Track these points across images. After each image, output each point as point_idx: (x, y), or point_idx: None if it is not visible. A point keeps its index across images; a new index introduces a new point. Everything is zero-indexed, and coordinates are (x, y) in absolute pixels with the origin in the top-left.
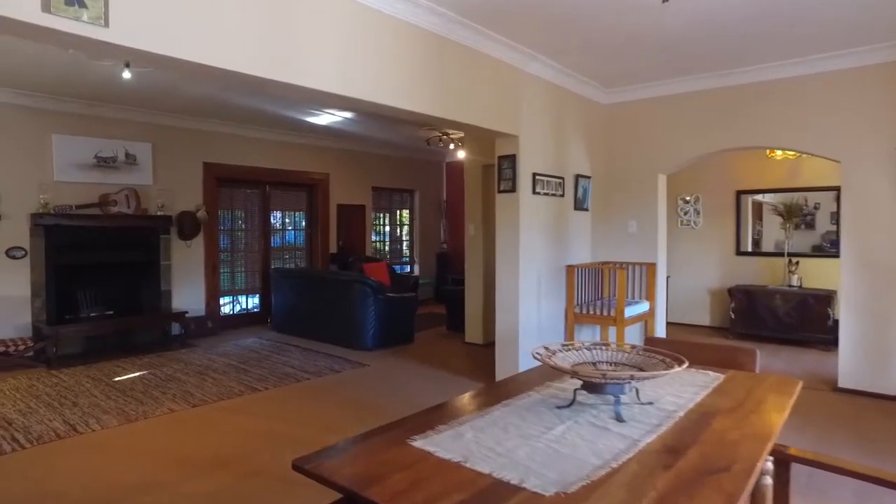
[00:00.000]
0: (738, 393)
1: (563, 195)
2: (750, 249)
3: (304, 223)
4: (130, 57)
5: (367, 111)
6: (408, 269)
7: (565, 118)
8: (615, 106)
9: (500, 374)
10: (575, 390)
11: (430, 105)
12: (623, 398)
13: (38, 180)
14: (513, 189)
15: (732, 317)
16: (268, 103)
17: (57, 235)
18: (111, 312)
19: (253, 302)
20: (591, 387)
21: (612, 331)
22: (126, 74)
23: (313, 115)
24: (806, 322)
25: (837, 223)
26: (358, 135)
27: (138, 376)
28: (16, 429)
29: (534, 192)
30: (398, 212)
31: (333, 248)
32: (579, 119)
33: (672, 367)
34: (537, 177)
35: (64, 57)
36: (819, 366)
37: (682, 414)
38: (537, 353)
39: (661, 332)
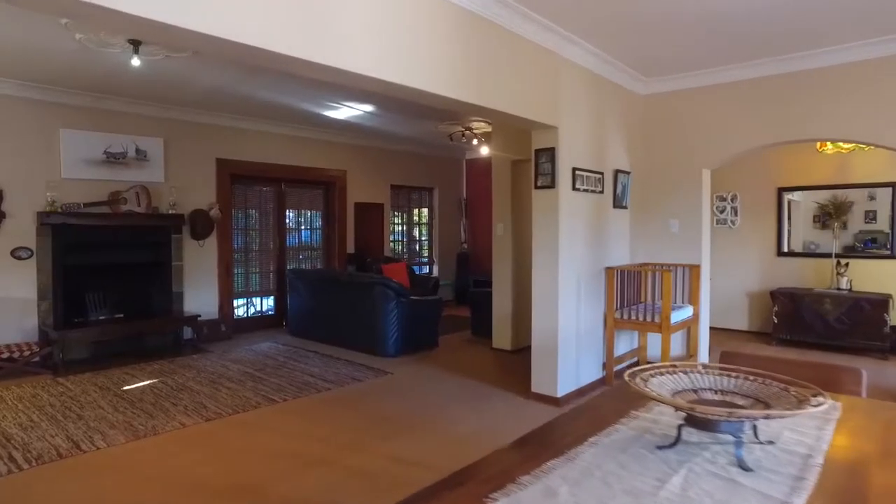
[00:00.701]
0: (873, 429)
1: (602, 192)
2: (789, 250)
3: (320, 222)
4: (136, 28)
5: (400, 97)
6: (426, 269)
7: (604, 109)
8: (655, 96)
9: (537, 384)
10: (679, 426)
11: (468, 91)
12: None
13: (45, 177)
14: (552, 185)
15: (776, 321)
16: (285, 96)
17: (65, 235)
18: (121, 315)
19: (267, 304)
20: (697, 422)
21: (652, 338)
22: (135, 62)
23: (332, 108)
24: (859, 328)
25: (892, 222)
26: (377, 130)
27: (148, 385)
28: (14, 446)
29: (573, 188)
30: (417, 210)
31: (351, 248)
32: (618, 110)
33: (806, 400)
34: (577, 172)
35: (71, 45)
36: (880, 376)
37: (820, 461)
38: (631, 379)
39: (705, 339)
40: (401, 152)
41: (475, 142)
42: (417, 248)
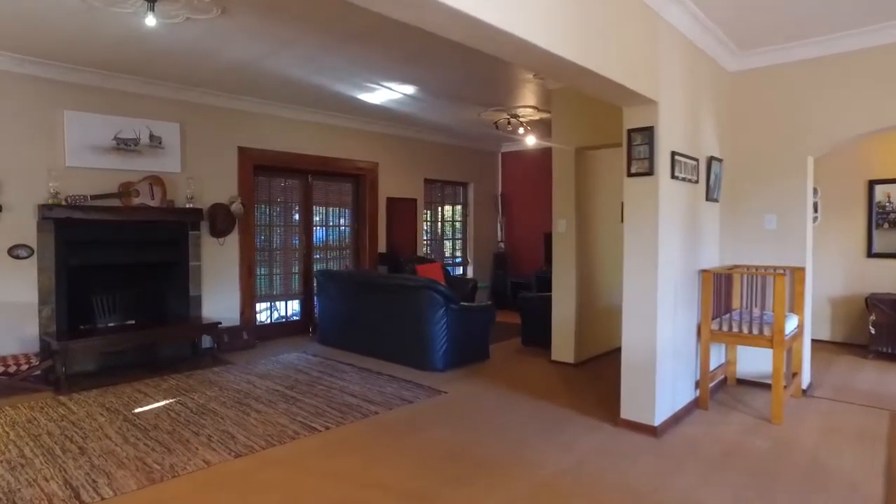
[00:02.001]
0: None
1: (697, 181)
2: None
3: (348, 218)
4: None
5: (490, 49)
6: (459, 270)
7: (698, 85)
8: (747, 73)
9: (629, 409)
10: None
11: (572, 47)
12: None
13: (46, 165)
14: (649, 171)
15: (872, 332)
16: (317, 74)
17: (69, 231)
18: (132, 322)
19: (292, 308)
20: None
21: (744, 352)
22: (150, 21)
23: (368, 90)
24: None
25: None
26: (412, 118)
27: (164, 406)
28: None
29: (672, 175)
30: (450, 207)
31: (382, 247)
32: (709, 87)
33: None
34: (676, 157)
35: (73, 3)
36: None
37: None
38: None
39: (808, 354)
40: (434, 144)
41: (521, 130)
42: (451, 247)
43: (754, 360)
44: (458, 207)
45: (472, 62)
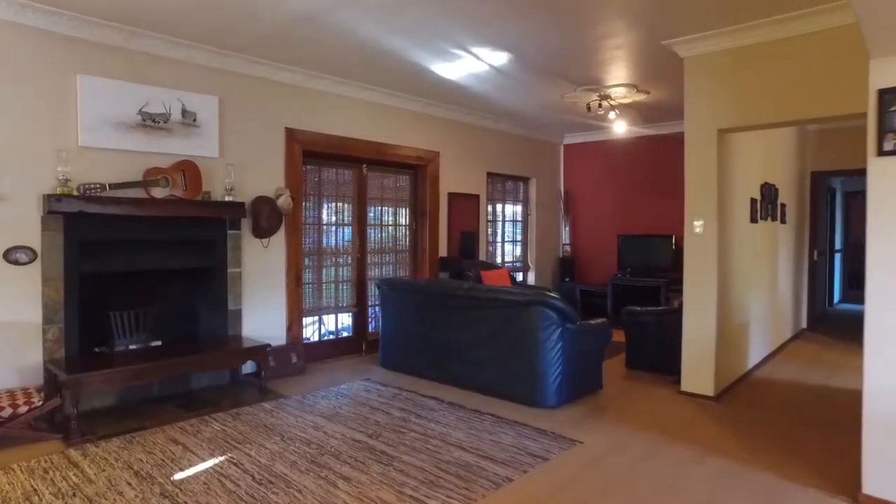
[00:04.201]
0: None
1: None
2: None
3: (406, 217)
4: None
5: None
6: (520, 277)
7: None
8: None
9: (879, 481)
10: None
11: None
12: None
13: (54, 144)
14: None
15: None
16: (395, 34)
17: (82, 228)
18: (158, 343)
19: (343, 322)
20: None
21: None
22: None
23: (449, 57)
24: None
25: None
26: (481, 99)
27: (213, 469)
28: None
29: None
30: (511, 205)
31: (443, 251)
32: None
33: None
34: None
35: None
36: None
37: None
38: None
39: None
40: (496, 132)
41: (612, 115)
42: (511, 250)
43: None
44: (519, 206)
45: (591, 14)
